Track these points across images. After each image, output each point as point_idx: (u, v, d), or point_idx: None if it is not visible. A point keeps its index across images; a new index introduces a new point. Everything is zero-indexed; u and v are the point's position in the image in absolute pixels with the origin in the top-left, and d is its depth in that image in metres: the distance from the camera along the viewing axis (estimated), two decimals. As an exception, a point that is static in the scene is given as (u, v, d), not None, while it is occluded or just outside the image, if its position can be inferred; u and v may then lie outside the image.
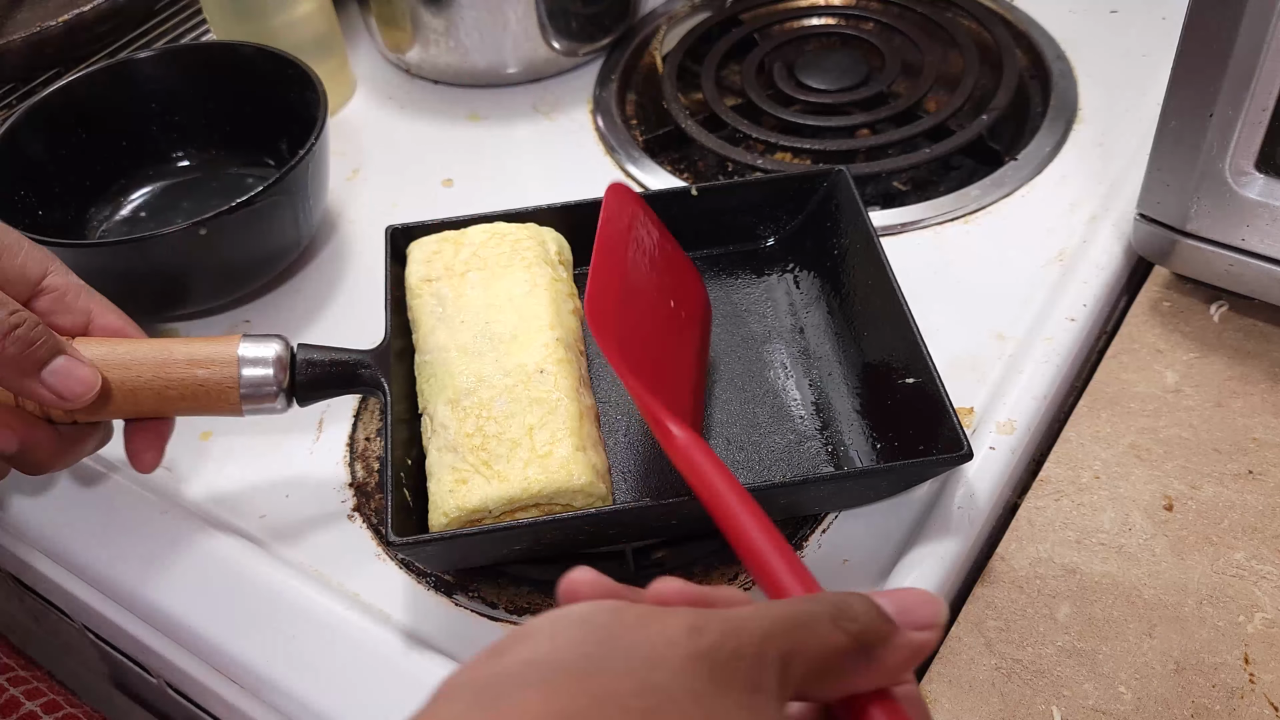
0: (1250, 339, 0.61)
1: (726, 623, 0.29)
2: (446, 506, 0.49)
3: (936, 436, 0.51)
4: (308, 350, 0.53)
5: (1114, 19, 0.85)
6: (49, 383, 0.47)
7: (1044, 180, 0.72)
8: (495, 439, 0.51)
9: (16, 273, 0.49)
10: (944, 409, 0.51)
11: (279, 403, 0.52)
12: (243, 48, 0.73)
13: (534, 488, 0.49)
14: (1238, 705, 0.47)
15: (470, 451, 0.51)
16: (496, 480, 0.50)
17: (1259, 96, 0.53)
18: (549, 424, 0.51)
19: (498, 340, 0.55)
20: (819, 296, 0.63)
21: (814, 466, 0.56)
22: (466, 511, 0.49)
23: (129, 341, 0.51)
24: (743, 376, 0.60)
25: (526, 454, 0.50)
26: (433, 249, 0.60)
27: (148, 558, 0.56)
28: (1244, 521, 0.54)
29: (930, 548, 0.53)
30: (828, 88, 0.80)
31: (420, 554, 0.53)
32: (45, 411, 0.50)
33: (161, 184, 0.76)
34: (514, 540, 0.50)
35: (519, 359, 0.54)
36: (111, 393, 0.50)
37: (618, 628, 0.29)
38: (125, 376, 0.50)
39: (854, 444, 0.56)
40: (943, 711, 0.48)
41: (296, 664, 0.52)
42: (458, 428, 0.52)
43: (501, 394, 0.52)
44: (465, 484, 0.50)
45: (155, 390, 0.50)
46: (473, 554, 0.53)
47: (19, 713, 0.57)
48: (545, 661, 0.28)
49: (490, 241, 0.60)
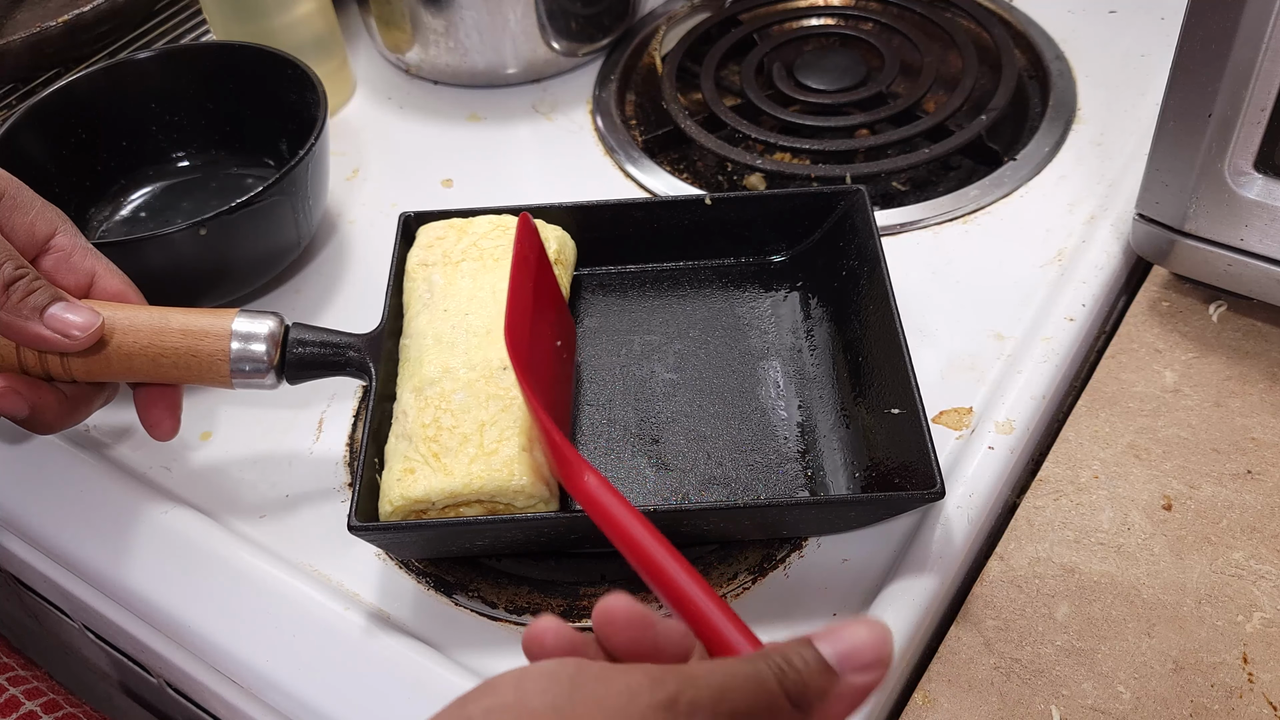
0: (1249, 339, 0.62)
1: (683, 677, 0.32)
2: (392, 495, 0.50)
3: (913, 471, 0.50)
4: (301, 330, 0.54)
5: (1113, 19, 0.85)
6: (51, 324, 0.49)
7: (1043, 180, 0.72)
8: (449, 431, 0.51)
9: (25, 229, 0.52)
10: (924, 443, 0.50)
11: (268, 379, 0.53)
12: (243, 48, 0.73)
13: (475, 484, 0.49)
14: (1236, 705, 0.47)
15: (423, 441, 0.51)
16: (442, 473, 0.50)
17: (1258, 96, 0.53)
18: (500, 421, 0.51)
19: (472, 333, 0.55)
20: (824, 318, 0.62)
21: (790, 490, 0.55)
22: (410, 501, 0.49)
23: (128, 307, 0.53)
24: (734, 392, 0.59)
25: (474, 449, 0.50)
26: (437, 234, 0.60)
27: (148, 557, 0.56)
28: (1243, 521, 0.54)
29: (929, 548, 0.53)
30: (827, 88, 0.80)
31: (379, 540, 0.53)
32: (48, 371, 0.51)
33: (161, 184, 0.76)
34: (471, 536, 0.50)
35: (487, 353, 0.54)
36: (109, 354, 0.51)
37: (583, 679, 0.31)
38: (122, 341, 0.51)
39: (832, 471, 0.55)
40: (941, 711, 0.48)
41: (296, 663, 0.52)
42: (416, 416, 0.52)
43: (463, 387, 0.52)
44: (413, 473, 0.50)
45: (150, 356, 0.52)
46: (434, 545, 0.53)
47: (19, 712, 0.57)
48: (514, 709, 0.30)
49: (492, 233, 0.60)
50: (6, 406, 0.50)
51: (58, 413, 0.52)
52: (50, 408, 0.52)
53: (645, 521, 0.39)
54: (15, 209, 0.51)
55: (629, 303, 0.64)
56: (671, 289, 0.65)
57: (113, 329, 0.51)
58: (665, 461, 0.56)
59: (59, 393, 0.52)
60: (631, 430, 0.58)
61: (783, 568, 0.54)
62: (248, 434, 0.62)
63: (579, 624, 0.52)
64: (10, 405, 0.51)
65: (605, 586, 0.53)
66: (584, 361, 0.61)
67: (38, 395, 0.51)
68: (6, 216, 0.51)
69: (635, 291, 0.65)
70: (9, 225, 0.51)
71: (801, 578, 0.53)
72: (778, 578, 0.53)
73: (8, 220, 0.51)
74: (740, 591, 0.53)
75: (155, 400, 0.55)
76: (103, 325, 0.50)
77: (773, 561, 0.54)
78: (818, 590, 0.53)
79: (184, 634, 0.55)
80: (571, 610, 0.53)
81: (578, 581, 0.54)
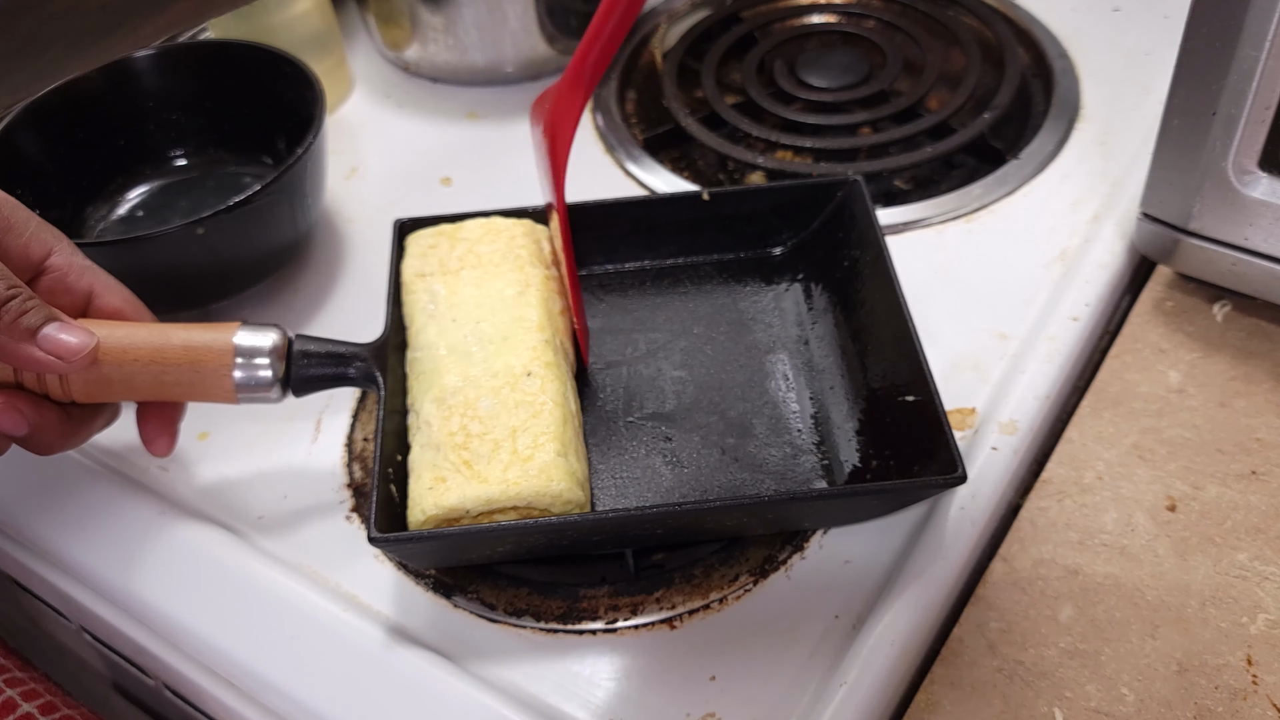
0: (1254, 339, 0.61)
1: None
2: (425, 504, 0.49)
3: (932, 457, 0.50)
4: (305, 342, 0.54)
5: (1117, 17, 0.84)
6: (45, 346, 0.48)
7: (1046, 179, 0.72)
8: (478, 439, 0.51)
9: (19, 251, 0.50)
10: (941, 430, 0.50)
11: (273, 393, 0.52)
12: (240, 46, 0.73)
13: (513, 490, 0.49)
14: (1240, 707, 0.47)
15: (452, 450, 0.50)
16: (476, 481, 0.49)
17: (1262, 95, 0.53)
18: (532, 427, 0.51)
19: (487, 341, 0.54)
20: (827, 308, 0.62)
21: (807, 481, 0.55)
22: (444, 510, 0.49)
23: (127, 325, 0.52)
24: (743, 386, 0.59)
25: (508, 456, 0.50)
26: (428, 243, 0.60)
27: (145, 559, 0.56)
28: (1247, 522, 0.53)
29: (932, 549, 0.52)
30: (829, 86, 0.79)
31: (401, 551, 0.52)
32: (46, 390, 0.50)
33: (159, 183, 0.75)
34: (495, 542, 0.50)
35: (507, 360, 0.53)
36: (108, 374, 0.50)
37: None
38: (122, 360, 0.50)
39: (849, 461, 0.55)
40: (944, 713, 0.48)
41: (293, 665, 0.52)
42: (442, 425, 0.51)
43: (488, 394, 0.52)
44: (444, 482, 0.49)
45: (151, 375, 0.51)
46: (455, 553, 0.53)
47: (16, 714, 0.56)
48: None
49: (486, 237, 0.60)
50: (6, 425, 0.49)
51: (59, 432, 0.51)
52: (51, 426, 0.50)
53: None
54: (9, 230, 0.50)
55: (631, 301, 0.64)
56: (673, 286, 0.65)
57: (111, 348, 0.50)
58: (680, 459, 0.56)
59: (61, 411, 0.51)
60: (644, 429, 0.57)
61: (784, 569, 0.53)
62: (245, 435, 0.62)
63: (577, 625, 0.52)
64: (10, 424, 0.49)
65: (605, 588, 0.53)
66: (590, 361, 0.61)
67: (39, 413, 0.50)
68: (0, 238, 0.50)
69: (636, 290, 0.65)
70: (3, 247, 0.50)
71: (803, 579, 0.53)
72: (779, 579, 0.53)
73: (1, 242, 0.50)
74: (742, 593, 0.53)
75: (152, 415, 0.54)
76: (98, 346, 0.49)
77: (774, 563, 0.54)
78: (820, 591, 0.52)
79: (181, 636, 0.54)
80: (571, 612, 0.53)
81: (578, 583, 0.54)
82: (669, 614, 0.52)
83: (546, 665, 0.51)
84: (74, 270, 0.52)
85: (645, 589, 0.53)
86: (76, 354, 0.48)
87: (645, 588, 0.53)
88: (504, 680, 0.51)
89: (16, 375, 0.50)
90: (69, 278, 0.52)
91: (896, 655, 0.49)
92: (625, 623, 0.52)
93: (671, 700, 0.49)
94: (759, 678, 0.50)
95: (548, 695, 0.50)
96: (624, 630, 0.52)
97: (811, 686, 0.49)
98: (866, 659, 0.49)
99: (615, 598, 0.53)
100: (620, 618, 0.52)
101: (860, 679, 0.48)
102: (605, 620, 0.52)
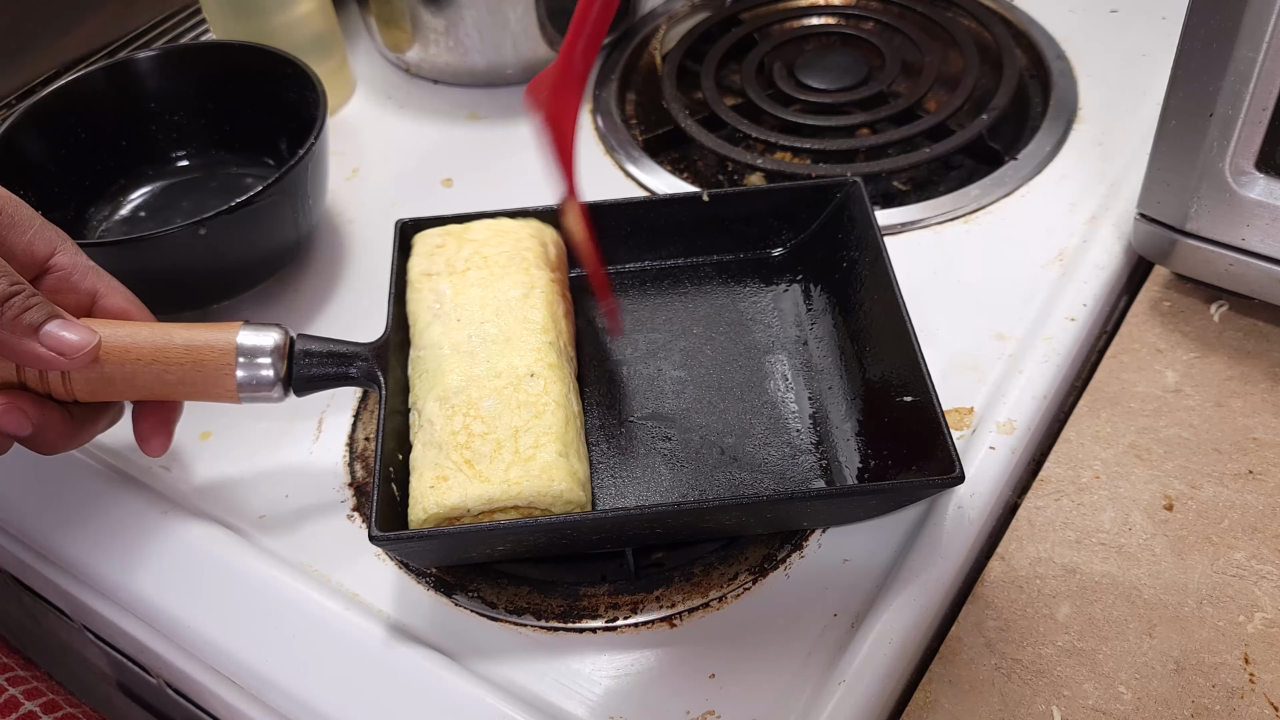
0: (1250, 339, 0.61)
1: None
2: (426, 503, 0.49)
3: (930, 457, 0.50)
4: (306, 341, 0.54)
5: (1114, 18, 0.85)
6: (47, 342, 0.48)
7: (1044, 180, 0.72)
8: (480, 438, 0.51)
9: (23, 249, 0.51)
10: (939, 429, 0.50)
11: (275, 392, 0.52)
12: (242, 47, 0.73)
13: (514, 490, 0.49)
14: (1238, 705, 0.47)
15: (454, 449, 0.51)
16: (478, 480, 0.49)
17: (1259, 96, 0.53)
18: (534, 428, 0.51)
19: (491, 341, 0.55)
20: (826, 309, 0.62)
21: (805, 481, 0.55)
22: (445, 509, 0.49)
23: (130, 325, 0.52)
24: (742, 386, 0.59)
25: (510, 456, 0.50)
26: (436, 243, 0.60)
27: (147, 557, 0.56)
28: (1244, 521, 0.54)
29: (930, 548, 0.53)
30: (828, 87, 0.80)
31: (402, 549, 0.53)
32: (49, 389, 0.50)
33: (161, 184, 0.75)
34: (496, 541, 0.50)
35: (511, 360, 0.53)
36: (110, 373, 0.50)
37: None
38: (124, 359, 0.50)
39: (848, 461, 0.55)
40: (942, 711, 0.48)
41: (295, 663, 0.52)
42: (444, 424, 0.52)
43: (491, 394, 0.52)
44: (446, 480, 0.50)
45: (154, 374, 0.51)
46: (455, 552, 0.53)
47: (18, 712, 0.56)
48: None
49: (493, 239, 0.60)
50: (9, 424, 0.49)
51: (62, 432, 0.51)
52: (54, 426, 0.50)
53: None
54: (13, 227, 0.50)
55: (631, 302, 0.64)
56: (672, 287, 0.65)
57: (113, 347, 0.50)
58: (679, 459, 0.56)
59: (64, 411, 0.51)
60: (643, 429, 0.58)
61: (783, 568, 0.54)
62: (247, 434, 0.62)
63: (578, 624, 0.52)
64: (13, 423, 0.49)
65: (605, 586, 0.53)
66: (590, 361, 0.61)
67: (42, 413, 0.50)
68: (4, 235, 0.50)
69: (636, 290, 0.65)
70: (7, 244, 0.50)
71: (802, 578, 0.53)
72: (778, 578, 0.53)
73: (5, 239, 0.50)
74: (741, 592, 0.53)
75: (149, 415, 0.54)
76: (99, 344, 0.49)
77: (773, 562, 0.54)
78: (819, 590, 0.53)
79: (183, 634, 0.54)
80: (572, 610, 0.53)
81: (578, 582, 0.54)
82: (669, 612, 0.52)
83: (547, 663, 0.51)
84: (79, 270, 0.52)
85: (645, 588, 0.53)
86: (79, 351, 0.48)
87: (645, 586, 0.53)
88: (505, 678, 0.51)
89: (20, 375, 0.50)
90: (74, 277, 0.52)
91: (895, 653, 0.49)
92: (625, 621, 0.52)
93: (671, 698, 0.50)
94: (758, 675, 0.50)
95: (548, 693, 0.50)
96: (624, 628, 0.52)
97: (810, 684, 0.49)
98: (865, 657, 0.49)
99: (615, 596, 0.53)
100: (620, 616, 0.52)
101: (859, 677, 0.48)
102: (605, 619, 0.52)
